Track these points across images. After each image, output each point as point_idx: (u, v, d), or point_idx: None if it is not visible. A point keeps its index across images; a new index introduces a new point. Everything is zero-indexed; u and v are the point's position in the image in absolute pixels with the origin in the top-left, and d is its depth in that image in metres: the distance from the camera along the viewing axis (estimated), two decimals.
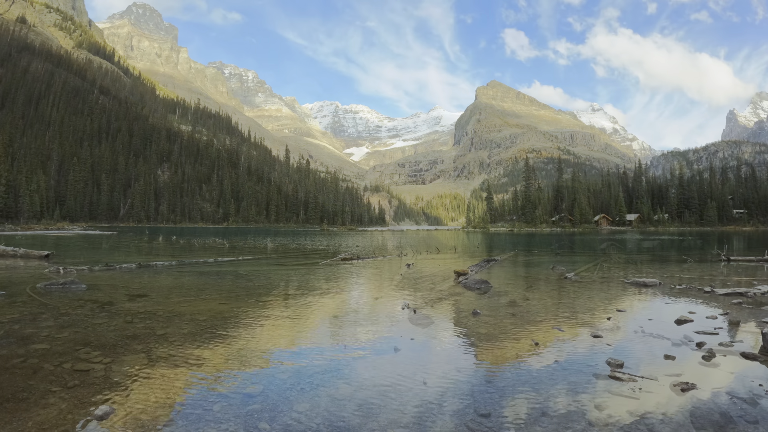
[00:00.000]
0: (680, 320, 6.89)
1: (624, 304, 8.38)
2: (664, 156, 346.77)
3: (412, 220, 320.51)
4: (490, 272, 13.82)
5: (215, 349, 5.35)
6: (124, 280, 11.16)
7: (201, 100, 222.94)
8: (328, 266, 15.69)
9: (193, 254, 20.76)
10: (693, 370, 4.65)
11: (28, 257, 16.97)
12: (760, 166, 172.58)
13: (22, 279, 11.18)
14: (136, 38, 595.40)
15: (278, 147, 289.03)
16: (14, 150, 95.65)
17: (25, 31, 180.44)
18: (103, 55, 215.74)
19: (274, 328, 6.57)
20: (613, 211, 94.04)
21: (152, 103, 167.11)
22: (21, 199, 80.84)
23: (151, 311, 7.41)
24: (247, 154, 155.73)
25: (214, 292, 9.55)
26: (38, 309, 7.37)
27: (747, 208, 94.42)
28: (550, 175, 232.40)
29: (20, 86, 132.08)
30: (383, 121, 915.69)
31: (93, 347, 5.25)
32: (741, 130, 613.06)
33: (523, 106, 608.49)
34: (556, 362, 4.95)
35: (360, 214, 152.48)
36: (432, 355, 5.27)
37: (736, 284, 10.89)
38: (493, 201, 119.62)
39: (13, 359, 4.76)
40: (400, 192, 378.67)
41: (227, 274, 13.07)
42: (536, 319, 7.24)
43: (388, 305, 8.50)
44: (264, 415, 3.55)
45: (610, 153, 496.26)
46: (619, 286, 10.90)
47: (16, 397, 3.79)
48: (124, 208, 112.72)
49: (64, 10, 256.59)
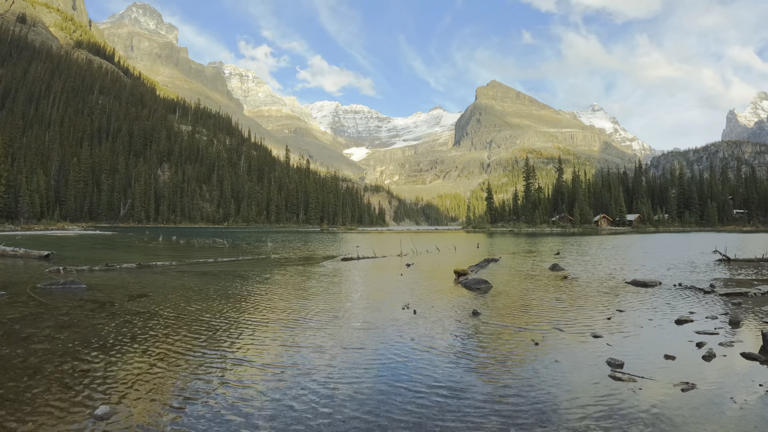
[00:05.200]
0: (680, 320, 6.89)
1: (624, 304, 8.37)
2: (664, 156, 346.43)
3: (412, 220, 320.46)
4: (490, 272, 13.82)
5: (215, 349, 5.35)
6: (124, 280, 11.15)
7: (201, 100, 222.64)
8: (329, 266, 15.68)
9: (194, 254, 20.76)
10: (693, 370, 4.65)
11: (28, 257, 16.98)
12: (760, 166, 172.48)
13: (22, 279, 11.17)
14: (136, 38, 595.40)
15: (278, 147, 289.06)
16: (14, 150, 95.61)
17: (25, 31, 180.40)
18: (103, 55, 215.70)
19: (274, 328, 6.56)
20: (613, 211, 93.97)
21: (152, 103, 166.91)
22: (21, 199, 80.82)
23: (151, 311, 7.41)
24: (247, 154, 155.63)
25: (214, 293, 9.55)
26: (38, 309, 7.37)
27: (747, 208, 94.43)
28: (550, 175, 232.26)
29: (20, 86, 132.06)
30: (383, 121, 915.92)
31: (93, 347, 5.25)
32: (741, 130, 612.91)
33: (523, 106, 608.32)
34: (556, 362, 4.94)
35: (360, 214, 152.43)
36: (432, 356, 5.27)
37: (736, 284, 10.88)
38: (493, 201, 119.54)
39: (13, 359, 4.76)
40: (400, 192, 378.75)
41: (227, 274, 13.07)
42: (536, 319, 7.23)
43: (388, 305, 8.50)
44: (264, 415, 3.55)
45: (610, 153, 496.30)
46: (619, 286, 10.89)
47: (16, 397, 3.79)
48: (124, 209, 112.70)
49: (64, 10, 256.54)
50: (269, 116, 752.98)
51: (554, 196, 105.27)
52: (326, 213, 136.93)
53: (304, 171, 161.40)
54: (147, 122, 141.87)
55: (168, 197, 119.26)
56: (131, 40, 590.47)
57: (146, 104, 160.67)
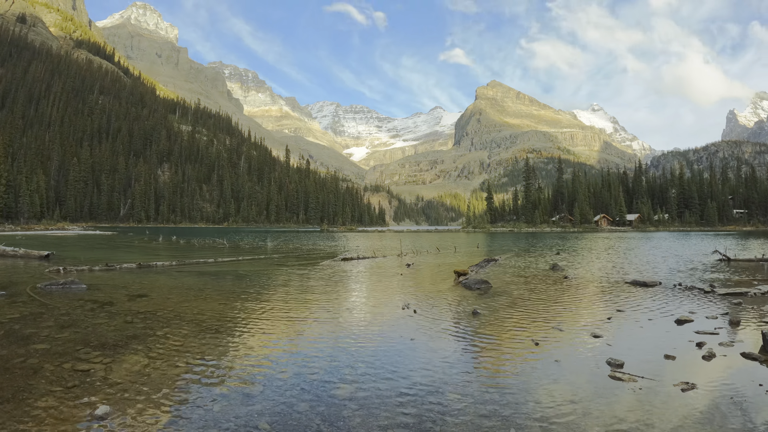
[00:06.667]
0: (680, 320, 6.89)
1: (624, 304, 8.37)
2: (664, 156, 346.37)
3: (412, 220, 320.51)
4: (490, 272, 13.82)
5: (215, 349, 5.35)
6: (124, 280, 11.15)
7: (201, 100, 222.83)
8: (329, 266, 15.68)
9: (193, 254, 20.76)
10: (693, 370, 4.65)
11: (28, 257, 16.98)
12: (760, 166, 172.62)
13: (22, 279, 11.18)
14: (136, 38, 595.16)
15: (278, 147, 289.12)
16: (14, 150, 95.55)
17: (25, 31, 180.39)
18: (103, 55, 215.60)
19: (274, 328, 6.56)
20: (613, 211, 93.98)
21: (152, 103, 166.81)
22: (21, 199, 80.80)
23: (151, 311, 7.41)
24: (247, 154, 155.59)
25: (214, 292, 9.55)
26: (38, 309, 7.37)
27: (747, 208, 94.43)
28: (550, 175, 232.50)
29: (20, 86, 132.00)
30: (383, 121, 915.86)
31: (93, 347, 5.25)
32: (741, 130, 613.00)
33: (523, 106, 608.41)
34: (556, 362, 4.94)
35: (360, 214, 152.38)
36: (432, 356, 5.27)
37: (736, 284, 10.88)
38: (493, 201, 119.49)
39: (13, 359, 4.76)
40: (400, 192, 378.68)
41: (227, 274, 13.07)
42: (536, 319, 7.24)
43: (388, 305, 8.50)
44: (264, 415, 3.55)
45: (610, 153, 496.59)
46: (619, 286, 10.90)
47: (16, 397, 3.79)
48: (125, 209, 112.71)
49: (64, 10, 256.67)
50: (269, 116, 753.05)
51: (554, 196, 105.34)
52: (326, 213, 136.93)
53: (304, 171, 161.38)
54: (147, 122, 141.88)
55: (168, 197, 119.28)
56: (131, 40, 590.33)
57: (146, 104, 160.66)
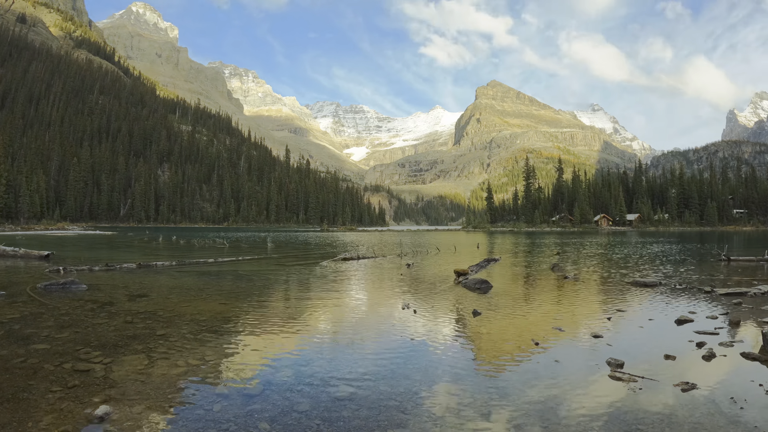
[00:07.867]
0: (680, 320, 6.89)
1: (624, 304, 8.37)
2: (664, 156, 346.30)
3: (412, 220, 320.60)
4: (490, 272, 13.82)
5: (216, 349, 5.35)
6: (124, 280, 11.15)
7: (201, 100, 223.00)
8: (329, 266, 15.68)
9: (194, 254, 20.75)
10: (693, 370, 4.65)
11: (28, 257, 16.97)
12: (760, 166, 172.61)
13: (22, 279, 11.18)
14: (136, 38, 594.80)
15: (278, 147, 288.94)
16: (14, 150, 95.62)
17: (25, 31, 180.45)
18: (103, 55, 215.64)
19: (274, 328, 6.56)
20: (613, 211, 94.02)
21: (152, 103, 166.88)
22: (21, 199, 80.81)
23: (151, 311, 7.41)
24: (247, 154, 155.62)
25: (214, 292, 9.55)
26: (38, 309, 7.37)
27: (747, 208, 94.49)
28: (550, 175, 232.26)
29: (20, 86, 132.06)
30: (383, 121, 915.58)
31: (93, 347, 5.25)
32: (741, 130, 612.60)
33: (523, 106, 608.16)
34: (556, 362, 4.94)
35: (360, 214, 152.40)
36: (432, 356, 5.27)
37: (736, 284, 10.88)
38: (493, 201, 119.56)
39: (13, 359, 4.76)
40: (400, 192, 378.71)
41: (227, 274, 13.07)
42: (536, 318, 7.24)
43: (388, 305, 8.50)
44: (264, 415, 3.55)
45: (610, 153, 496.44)
46: (619, 286, 10.89)
47: (16, 397, 3.79)
48: (125, 209, 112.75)
49: (64, 10, 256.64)
50: (269, 116, 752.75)
51: (554, 196, 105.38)
52: (326, 213, 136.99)
53: (304, 171, 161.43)
54: (147, 122, 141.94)
55: (168, 197, 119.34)
56: (131, 40, 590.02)
57: (146, 104, 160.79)
